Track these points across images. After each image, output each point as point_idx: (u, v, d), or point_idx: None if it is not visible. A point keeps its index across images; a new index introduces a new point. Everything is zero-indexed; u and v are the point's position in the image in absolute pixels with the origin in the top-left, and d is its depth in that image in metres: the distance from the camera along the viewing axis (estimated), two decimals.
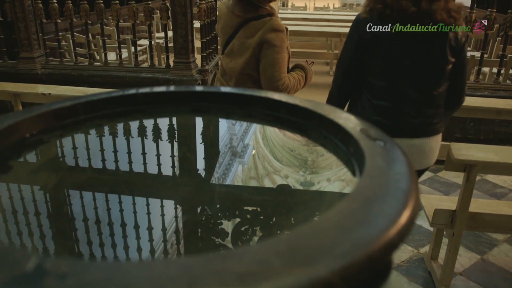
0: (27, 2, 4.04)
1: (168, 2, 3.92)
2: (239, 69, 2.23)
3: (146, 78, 4.06)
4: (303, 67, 2.37)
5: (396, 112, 1.83)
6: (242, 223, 0.79)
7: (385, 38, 1.74)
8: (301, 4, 12.16)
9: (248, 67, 2.20)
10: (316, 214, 0.84)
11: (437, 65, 1.78)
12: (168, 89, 1.07)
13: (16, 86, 3.47)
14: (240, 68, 2.22)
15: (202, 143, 1.14)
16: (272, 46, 2.12)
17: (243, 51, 2.19)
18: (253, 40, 2.13)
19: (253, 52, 2.15)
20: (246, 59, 2.18)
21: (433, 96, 1.82)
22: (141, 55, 5.96)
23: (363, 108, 1.89)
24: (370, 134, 0.74)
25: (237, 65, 2.23)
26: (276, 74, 2.14)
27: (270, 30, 2.10)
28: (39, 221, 0.77)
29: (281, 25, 2.15)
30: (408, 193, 0.57)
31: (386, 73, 1.81)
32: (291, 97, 0.93)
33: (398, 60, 1.77)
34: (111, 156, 1.01)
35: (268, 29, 2.11)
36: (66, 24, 4.46)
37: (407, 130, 1.86)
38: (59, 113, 0.92)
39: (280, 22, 2.17)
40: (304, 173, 1.04)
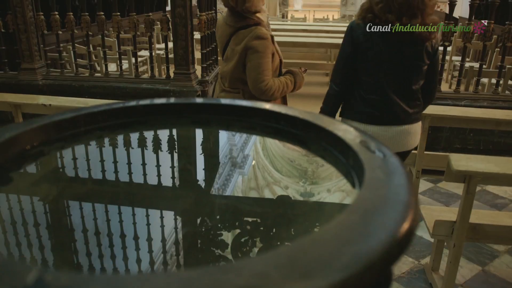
0: (28, 13, 4.08)
1: (169, 13, 3.95)
2: (230, 72, 2.51)
3: (146, 89, 4.08)
4: (293, 72, 2.59)
5: (384, 104, 2.18)
6: (242, 234, 0.79)
7: (375, 43, 2.08)
8: (300, 16, 12.24)
9: (237, 71, 2.47)
10: (316, 226, 0.84)
11: (416, 66, 2.14)
12: (168, 101, 1.08)
13: (16, 97, 3.48)
14: (231, 72, 2.51)
15: (202, 154, 1.14)
16: (255, 51, 2.37)
17: (233, 56, 2.47)
18: (240, 47, 2.41)
19: (239, 58, 2.42)
20: (234, 63, 2.46)
21: (413, 90, 2.19)
22: (141, 66, 5.99)
23: (356, 102, 2.22)
24: (369, 146, 0.74)
25: (229, 69, 2.51)
26: (259, 77, 2.38)
27: (254, 38, 2.37)
28: (39, 233, 0.77)
29: (265, 33, 2.39)
30: (407, 205, 0.58)
31: (376, 72, 2.15)
32: (291, 109, 0.94)
33: (386, 61, 2.12)
34: (112, 167, 1.01)
35: (252, 37, 2.37)
36: (67, 35, 4.50)
37: (394, 118, 2.21)
38: (60, 124, 0.92)
39: (265, 31, 2.41)
40: (304, 183, 1.04)
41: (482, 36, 3.82)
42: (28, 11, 4.07)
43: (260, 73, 2.38)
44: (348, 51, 2.18)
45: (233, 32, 2.47)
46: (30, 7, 4.10)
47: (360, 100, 2.20)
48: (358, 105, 2.21)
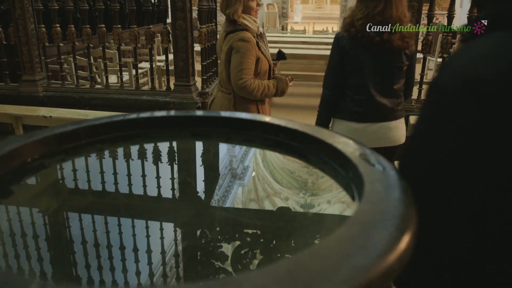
0: (30, 26, 4.10)
1: (169, 26, 3.98)
2: (220, 72, 2.84)
3: (146, 101, 4.09)
4: (277, 78, 2.84)
5: (371, 103, 2.39)
6: (242, 247, 0.79)
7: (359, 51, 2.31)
8: (300, 28, 12.33)
9: (225, 70, 2.73)
10: (316, 238, 0.84)
11: (397, 68, 2.38)
12: (168, 114, 1.08)
13: (17, 108, 3.49)
14: (220, 71, 2.82)
15: (202, 166, 1.14)
16: (237, 51, 2.62)
17: (222, 58, 2.76)
18: (225, 48, 2.68)
19: (226, 57, 2.70)
20: (222, 63, 2.75)
21: (395, 89, 2.42)
22: (142, 77, 6.01)
23: (345, 103, 2.43)
24: (369, 159, 0.75)
25: (220, 69, 2.85)
26: (238, 74, 2.62)
27: (237, 40, 2.63)
28: (40, 245, 0.77)
29: (248, 37, 2.64)
30: (407, 219, 0.58)
31: (361, 76, 2.36)
32: (291, 122, 0.94)
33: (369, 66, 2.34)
34: (112, 180, 1.01)
35: (236, 39, 2.63)
36: (68, 47, 4.52)
37: (381, 115, 2.42)
38: (61, 137, 0.92)
39: (249, 35, 2.65)
40: (304, 195, 1.04)
41: None
42: (30, 23, 4.10)
43: (239, 71, 2.62)
44: (336, 59, 2.42)
45: (224, 36, 2.74)
46: (32, 20, 4.13)
47: (350, 101, 2.42)
48: (347, 105, 2.43)
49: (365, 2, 2.26)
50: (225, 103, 2.81)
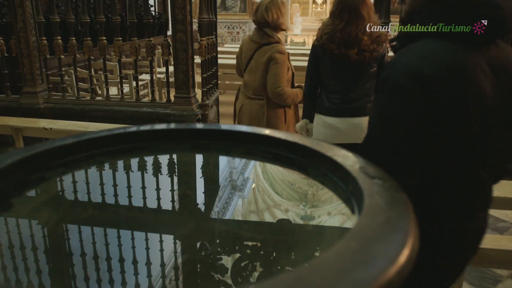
0: (32, 38, 4.13)
1: (170, 38, 4.00)
2: (257, 81, 3.08)
3: (147, 113, 4.09)
4: (302, 87, 3.16)
5: (342, 100, 2.68)
6: (242, 259, 0.79)
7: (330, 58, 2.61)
8: (300, 40, 12.40)
9: (262, 79, 3.04)
10: (317, 250, 0.84)
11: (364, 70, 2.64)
12: (168, 127, 1.08)
13: (18, 120, 3.50)
14: (257, 80, 3.07)
15: (202, 178, 1.14)
16: (275, 62, 2.96)
17: (258, 67, 3.04)
18: (264, 59, 2.99)
19: (264, 68, 3.01)
20: (260, 73, 3.04)
21: (366, 87, 2.67)
22: (142, 89, 6.03)
23: (321, 100, 2.77)
24: (369, 172, 0.75)
25: (255, 78, 3.08)
26: (276, 83, 2.97)
27: (275, 52, 2.98)
28: (40, 258, 0.76)
29: (283, 49, 3.05)
30: (407, 232, 0.58)
31: (334, 76, 2.68)
32: (290, 135, 0.94)
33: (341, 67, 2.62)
34: (113, 193, 1.01)
35: (274, 51, 2.98)
36: (69, 59, 4.54)
37: (350, 111, 2.68)
38: (61, 150, 0.93)
39: (283, 47, 3.06)
40: (305, 207, 1.04)
41: None
42: (32, 35, 4.13)
43: (277, 80, 2.97)
44: (311, 65, 2.80)
45: (257, 47, 3.05)
46: (34, 32, 4.15)
47: (325, 98, 2.75)
48: (323, 102, 2.76)
49: (333, 19, 2.58)
50: (254, 108, 3.14)
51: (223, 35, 13.98)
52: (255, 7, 3.16)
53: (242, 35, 13.99)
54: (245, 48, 3.19)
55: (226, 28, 14.14)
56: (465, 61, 1.08)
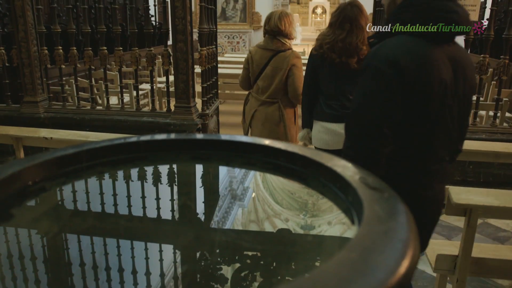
0: (33, 48, 4.16)
1: (170, 48, 4.02)
2: (274, 85, 3.38)
3: (147, 122, 4.11)
4: None
5: (342, 105, 2.78)
6: (242, 270, 0.79)
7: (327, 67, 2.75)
8: (299, 50, 12.44)
9: (280, 83, 3.36)
10: (317, 260, 0.84)
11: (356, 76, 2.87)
12: (168, 137, 1.09)
13: (18, 130, 3.50)
14: (275, 85, 3.38)
15: (202, 188, 1.14)
16: (297, 67, 3.34)
17: (277, 72, 3.35)
18: (284, 65, 3.33)
19: (284, 73, 3.34)
20: (279, 78, 3.35)
21: None
22: (142, 99, 6.05)
23: (320, 108, 2.86)
24: (369, 183, 0.75)
25: (272, 83, 3.38)
26: (300, 85, 3.23)
27: (294, 57, 3.35)
28: (40, 268, 0.76)
29: (299, 55, 3.44)
30: (407, 243, 0.58)
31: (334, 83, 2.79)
32: (290, 145, 0.95)
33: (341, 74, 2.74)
34: (113, 204, 1.01)
35: (293, 57, 3.35)
36: (70, 69, 4.57)
37: None
38: (62, 160, 0.93)
39: (299, 53, 3.45)
40: (305, 216, 1.04)
41: (478, 70, 3.88)
42: (33, 45, 4.15)
43: (300, 83, 3.26)
44: (308, 72, 2.90)
45: (273, 54, 3.35)
46: (35, 42, 4.18)
47: (324, 105, 2.85)
48: (321, 108, 2.86)
49: (333, 29, 2.70)
50: (269, 111, 3.41)
51: (223, 44, 14.06)
52: (267, 18, 3.43)
53: (242, 45, 14.06)
54: (256, 57, 3.45)
55: (226, 37, 14.21)
56: (431, 54, 1.37)
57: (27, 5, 4.01)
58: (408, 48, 1.37)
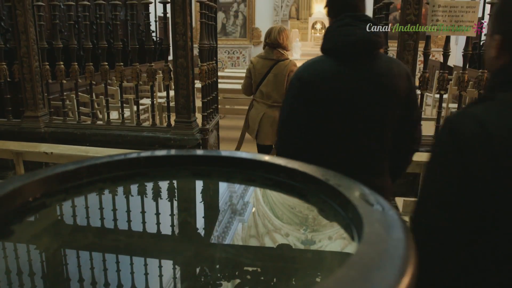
0: (34, 63, 4.19)
1: (171, 63, 4.05)
2: (277, 90, 3.89)
3: (147, 137, 4.11)
4: None
5: None
6: (242, 285, 0.78)
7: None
8: (299, 64, 12.52)
9: (283, 88, 3.83)
10: (318, 276, 0.84)
11: None
12: (169, 153, 1.09)
13: (18, 145, 3.51)
14: (277, 90, 3.89)
15: (202, 204, 1.15)
16: None
17: (279, 79, 3.87)
18: (285, 71, 3.86)
19: (285, 78, 3.84)
20: (281, 84, 3.86)
21: None
22: (143, 114, 6.07)
23: None
24: (368, 200, 0.75)
25: (275, 88, 3.90)
26: None
27: (292, 65, 3.90)
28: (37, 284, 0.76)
29: (296, 63, 3.91)
30: (407, 260, 0.58)
31: None
32: (291, 162, 0.95)
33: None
34: (113, 220, 1.01)
35: (292, 65, 3.91)
36: (70, 84, 4.59)
37: None
38: (62, 176, 0.93)
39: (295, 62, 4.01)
40: (305, 231, 1.04)
41: (477, 85, 3.90)
42: (34, 61, 4.18)
43: None
44: None
45: (274, 63, 3.88)
46: (37, 57, 4.22)
47: None
48: None
49: None
50: (276, 114, 3.61)
51: (224, 60, 14.16)
52: (267, 33, 3.98)
53: (242, 60, 14.17)
54: (258, 66, 3.96)
55: (226, 53, 14.33)
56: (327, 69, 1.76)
57: (29, 21, 4.06)
58: (311, 66, 1.81)
